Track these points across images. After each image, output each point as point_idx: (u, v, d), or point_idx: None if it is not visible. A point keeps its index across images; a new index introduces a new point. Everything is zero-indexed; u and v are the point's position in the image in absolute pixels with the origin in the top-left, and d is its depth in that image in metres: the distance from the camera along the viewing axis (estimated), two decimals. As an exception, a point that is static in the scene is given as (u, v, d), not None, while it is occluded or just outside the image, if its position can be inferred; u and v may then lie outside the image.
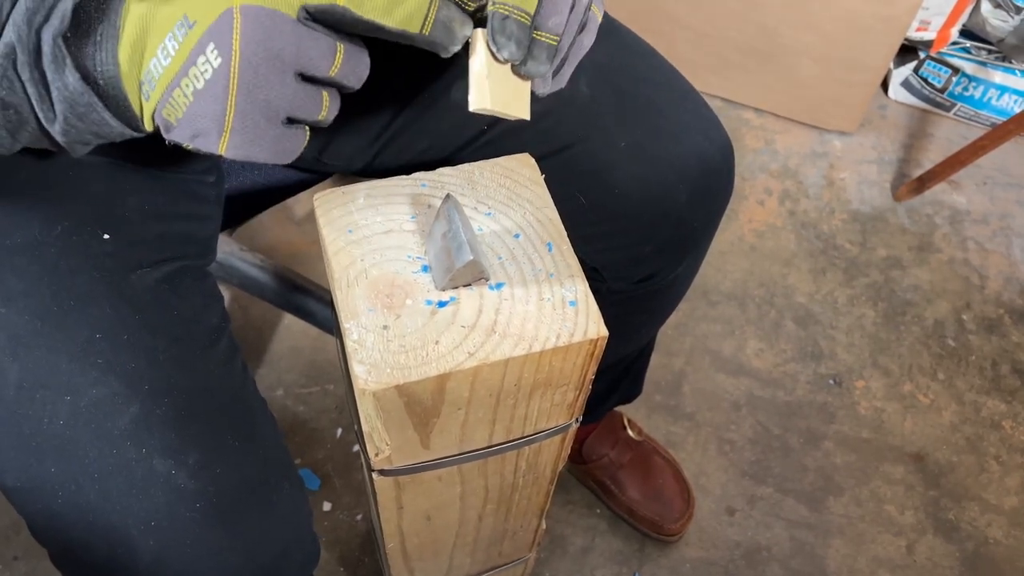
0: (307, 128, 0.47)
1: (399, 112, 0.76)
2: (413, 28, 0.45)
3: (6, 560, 1.15)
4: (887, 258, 1.60)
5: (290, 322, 1.39)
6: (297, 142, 0.47)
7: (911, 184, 1.65)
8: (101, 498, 0.56)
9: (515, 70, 0.51)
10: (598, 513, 1.26)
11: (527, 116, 0.53)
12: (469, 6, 0.48)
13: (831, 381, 1.42)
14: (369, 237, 0.59)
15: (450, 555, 0.88)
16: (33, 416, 0.56)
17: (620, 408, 1.27)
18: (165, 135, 0.46)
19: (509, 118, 0.53)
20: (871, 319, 1.51)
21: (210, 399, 0.60)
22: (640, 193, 0.73)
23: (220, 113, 0.43)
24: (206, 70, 0.43)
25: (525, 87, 0.52)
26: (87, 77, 0.45)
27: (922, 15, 1.69)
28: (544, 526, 0.94)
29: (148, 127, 0.46)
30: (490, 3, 0.49)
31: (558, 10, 0.50)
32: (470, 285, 0.57)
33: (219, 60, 0.42)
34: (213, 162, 0.74)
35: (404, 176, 0.62)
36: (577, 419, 0.68)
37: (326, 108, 0.46)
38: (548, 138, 0.74)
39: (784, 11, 1.60)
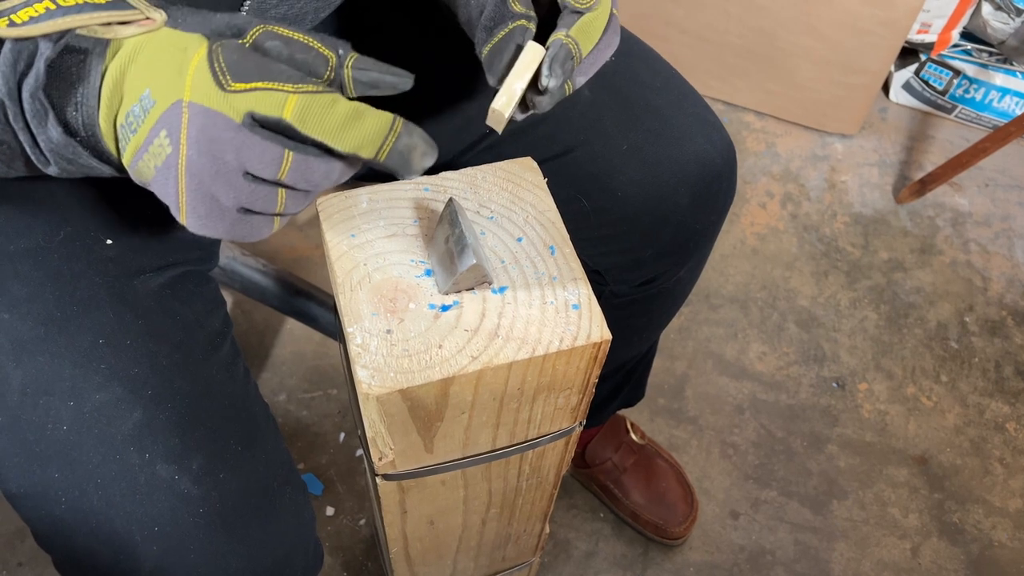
0: (273, 217, 0.47)
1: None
2: (366, 153, 0.44)
3: (11, 567, 1.15)
4: (889, 260, 1.59)
5: (293, 327, 1.39)
6: (260, 228, 0.47)
7: (913, 186, 1.65)
8: (104, 504, 0.56)
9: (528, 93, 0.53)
10: (602, 517, 1.25)
11: (500, 131, 0.55)
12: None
13: (834, 384, 1.42)
14: (372, 241, 0.59)
15: (453, 559, 0.88)
16: (36, 422, 0.56)
17: (623, 412, 1.27)
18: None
19: (491, 126, 0.55)
20: (873, 322, 1.50)
21: (213, 404, 0.60)
22: (642, 196, 0.73)
23: (175, 194, 0.45)
24: (160, 153, 0.44)
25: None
26: (69, 129, 0.45)
27: (923, 17, 1.70)
28: (548, 530, 0.94)
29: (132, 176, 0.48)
30: (563, 32, 0.51)
31: (587, 72, 0.55)
32: (473, 289, 0.57)
33: (171, 148, 0.43)
34: None
35: (407, 180, 0.62)
36: (580, 423, 0.68)
37: (281, 204, 0.46)
38: (550, 142, 0.74)
39: (784, 14, 1.61)
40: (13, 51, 0.44)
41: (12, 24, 0.43)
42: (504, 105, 0.52)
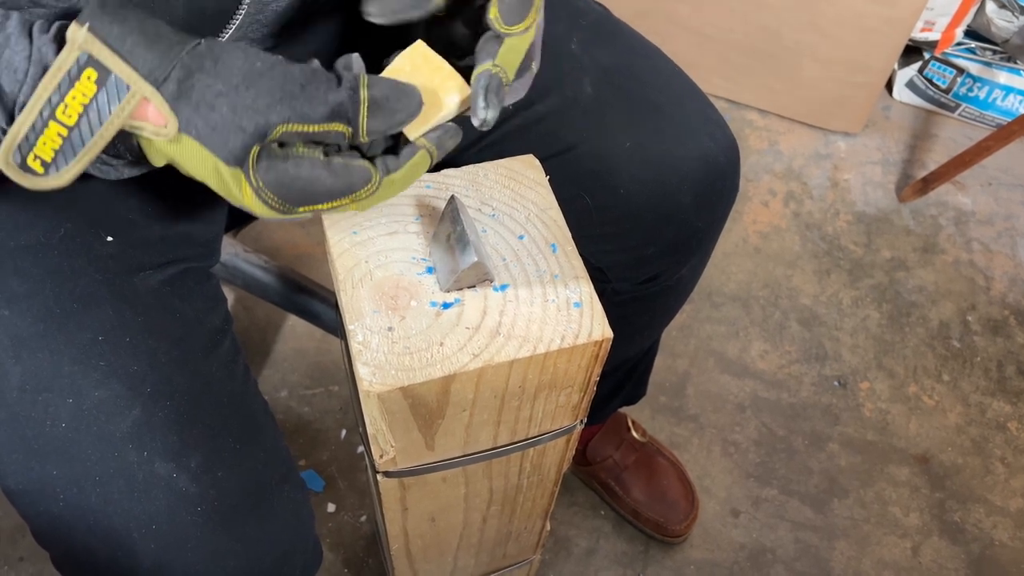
0: None
1: None
2: None
3: (12, 561, 1.15)
4: (891, 259, 1.59)
5: (295, 323, 1.39)
6: None
7: (915, 185, 1.65)
8: (102, 501, 0.56)
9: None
10: (602, 515, 1.25)
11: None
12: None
13: (836, 383, 1.42)
14: (374, 239, 0.59)
15: (454, 556, 0.88)
16: (35, 418, 0.56)
17: (624, 410, 1.27)
18: None
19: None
20: (876, 320, 1.50)
21: (212, 402, 0.60)
22: (645, 194, 0.73)
23: None
24: None
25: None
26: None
27: (926, 16, 1.69)
28: (548, 528, 0.94)
29: None
30: (490, 63, 0.52)
31: (525, 84, 0.55)
32: (475, 287, 0.57)
33: None
34: None
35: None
36: (581, 421, 0.68)
37: None
38: (553, 139, 0.74)
39: (788, 12, 1.60)
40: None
41: (45, 165, 0.45)
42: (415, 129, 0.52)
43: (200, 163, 0.46)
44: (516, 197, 0.62)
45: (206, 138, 0.46)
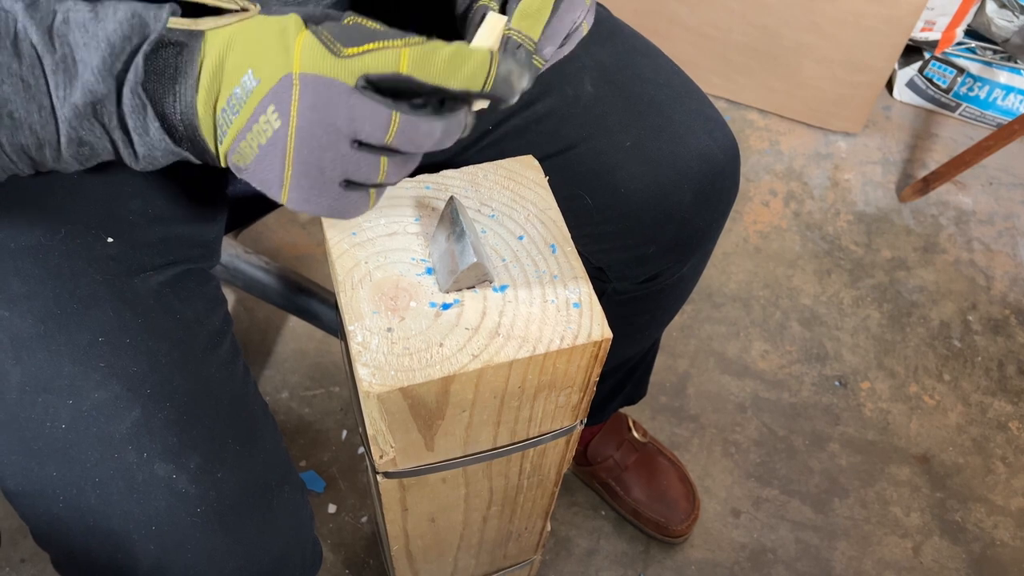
0: (370, 191, 0.49)
1: None
2: (475, 87, 0.46)
3: (13, 563, 1.15)
4: (892, 259, 1.59)
5: (295, 324, 1.39)
6: (358, 204, 0.49)
7: (916, 185, 1.65)
8: (102, 502, 0.56)
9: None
10: (603, 515, 1.25)
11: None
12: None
13: (836, 383, 1.42)
14: (373, 239, 0.59)
15: (455, 557, 0.88)
16: (35, 419, 0.56)
17: (625, 410, 1.27)
18: (237, 175, 0.49)
19: None
20: (876, 320, 1.50)
21: (211, 403, 0.60)
22: (644, 193, 0.73)
23: (280, 169, 0.46)
24: (267, 129, 0.45)
25: None
26: (166, 122, 0.47)
27: (927, 15, 1.69)
28: (549, 528, 0.94)
29: (223, 164, 0.49)
30: (505, 27, 0.52)
31: (554, 41, 0.55)
32: (474, 287, 0.57)
33: (279, 123, 0.45)
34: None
35: (408, 178, 0.62)
36: (581, 421, 0.68)
37: (383, 173, 0.48)
38: (552, 138, 0.74)
39: (788, 12, 1.60)
40: (111, 54, 0.45)
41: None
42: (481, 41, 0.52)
43: (265, 31, 0.46)
44: (515, 198, 0.62)
45: (282, 13, 0.47)
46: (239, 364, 0.65)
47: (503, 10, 0.56)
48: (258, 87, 0.45)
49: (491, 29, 0.52)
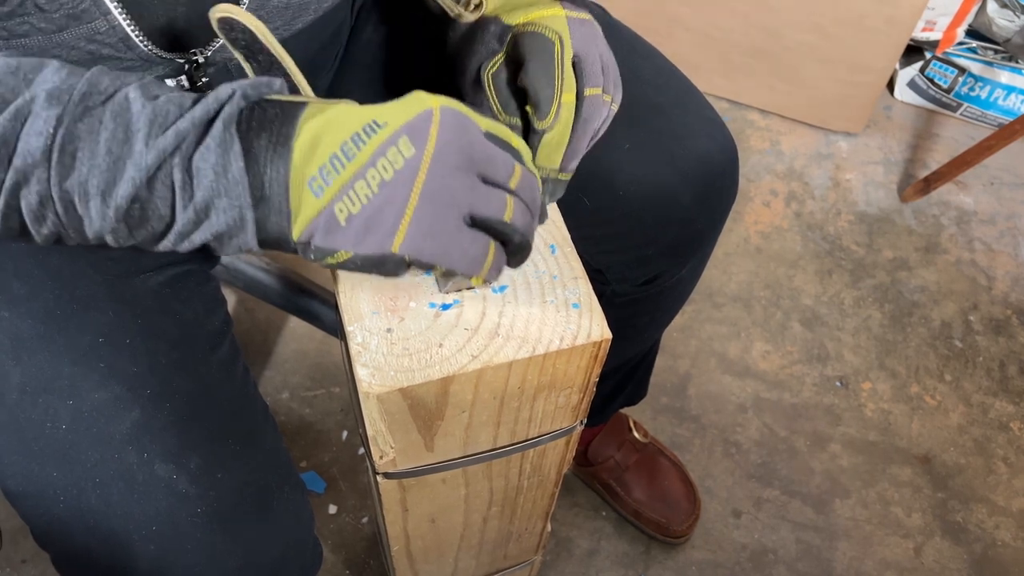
0: (491, 241, 0.47)
1: None
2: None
3: (14, 563, 1.15)
4: (893, 259, 1.59)
5: (296, 325, 1.39)
6: (478, 247, 0.46)
7: (917, 185, 1.65)
8: (102, 503, 0.56)
9: None
10: (604, 515, 1.25)
11: None
12: None
13: (837, 383, 1.42)
14: (372, 240, 0.59)
15: (455, 558, 0.88)
16: (35, 420, 0.56)
17: (626, 410, 1.27)
18: (313, 242, 0.45)
19: None
20: (877, 321, 1.50)
21: (211, 403, 0.60)
22: (644, 194, 0.73)
23: (401, 202, 0.43)
24: (396, 160, 0.43)
25: None
26: (250, 169, 0.43)
27: (928, 15, 1.69)
28: (549, 529, 0.94)
29: (296, 234, 0.45)
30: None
31: (578, 155, 0.57)
32: (473, 288, 0.57)
33: (412, 151, 0.44)
34: None
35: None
36: (581, 421, 0.68)
37: (510, 211, 0.47)
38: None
39: (789, 12, 1.60)
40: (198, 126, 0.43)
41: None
42: None
43: (359, 111, 0.45)
44: (515, 198, 0.62)
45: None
46: (239, 365, 0.66)
47: (512, 76, 0.57)
48: (385, 128, 0.43)
49: None
